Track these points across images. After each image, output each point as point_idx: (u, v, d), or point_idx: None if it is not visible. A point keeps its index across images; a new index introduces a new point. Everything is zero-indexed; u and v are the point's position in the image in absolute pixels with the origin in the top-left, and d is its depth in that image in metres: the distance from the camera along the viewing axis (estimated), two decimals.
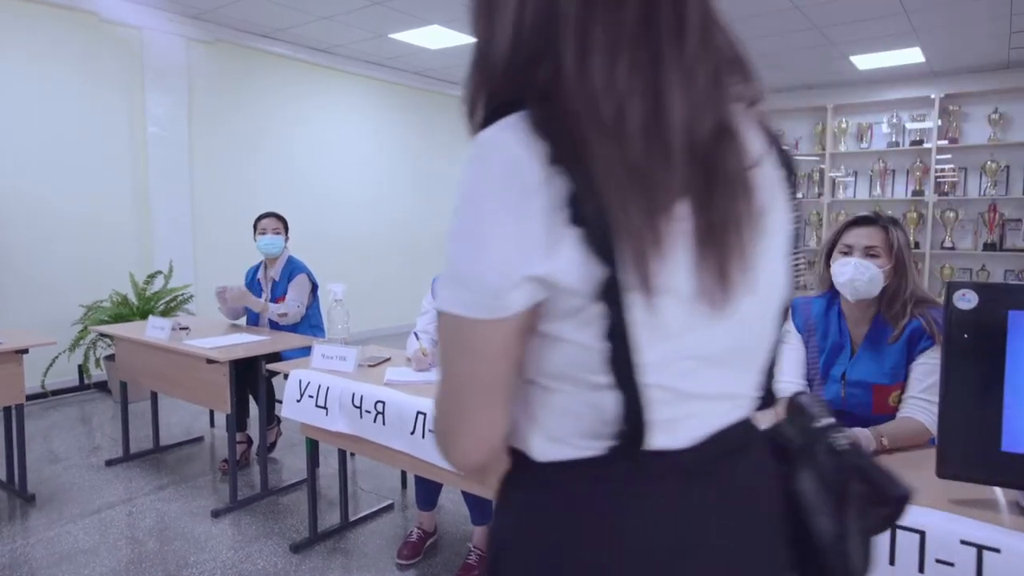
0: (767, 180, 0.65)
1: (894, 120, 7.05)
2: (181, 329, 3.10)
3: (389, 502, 2.90)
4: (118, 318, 4.37)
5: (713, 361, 0.62)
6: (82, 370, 4.56)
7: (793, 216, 0.70)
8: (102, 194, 4.78)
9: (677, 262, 0.56)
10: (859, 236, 1.76)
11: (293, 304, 3.26)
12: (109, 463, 3.34)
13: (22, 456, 2.96)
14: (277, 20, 5.20)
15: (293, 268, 3.37)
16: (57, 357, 4.33)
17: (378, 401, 2.07)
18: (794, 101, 7.77)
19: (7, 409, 2.95)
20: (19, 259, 4.41)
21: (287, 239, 3.42)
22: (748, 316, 0.63)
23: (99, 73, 4.72)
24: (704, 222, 0.57)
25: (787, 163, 0.69)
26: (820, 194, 7.57)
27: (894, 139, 7.09)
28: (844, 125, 7.35)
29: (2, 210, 4.29)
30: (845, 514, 0.69)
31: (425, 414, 1.94)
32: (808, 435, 0.73)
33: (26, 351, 2.89)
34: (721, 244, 0.58)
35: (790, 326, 1.86)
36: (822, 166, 7.54)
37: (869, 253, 1.73)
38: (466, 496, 2.22)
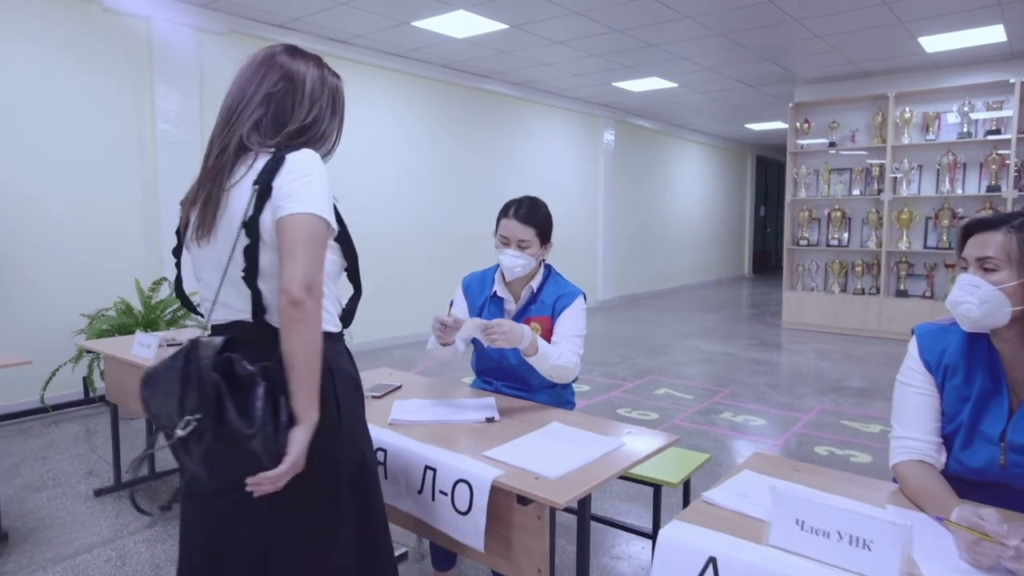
0: (240, 190, 1.25)
1: (965, 108, 6.41)
2: (170, 346, 2.74)
3: (403, 550, 2.50)
4: (121, 328, 4.07)
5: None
6: (87, 383, 4.27)
7: (253, 211, 1.22)
8: (108, 195, 4.50)
9: None
10: (974, 246, 1.31)
11: None
12: (98, 493, 3.01)
13: None
14: (292, 8, 4.85)
15: None
16: (58, 370, 4.05)
17: (378, 449, 1.66)
18: (850, 90, 7.17)
19: None
20: (20, 264, 4.14)
21: None
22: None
23: (104, 66, 4.44)
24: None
25: (260, 182, 1.23)
26: (879, 191, 6.96)
27: (965, 129, 6.45)
28: (907, 115, 6.74)
29: (1, 212, 4.02)
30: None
31: (435, 470, 1.52)
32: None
33: None
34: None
35: (914, 363, 1.40)
36: (881, 161, 6.92)
37: (984, 267, 1.27)
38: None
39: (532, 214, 2.09)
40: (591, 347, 6.42)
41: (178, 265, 1.42)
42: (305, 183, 1.22)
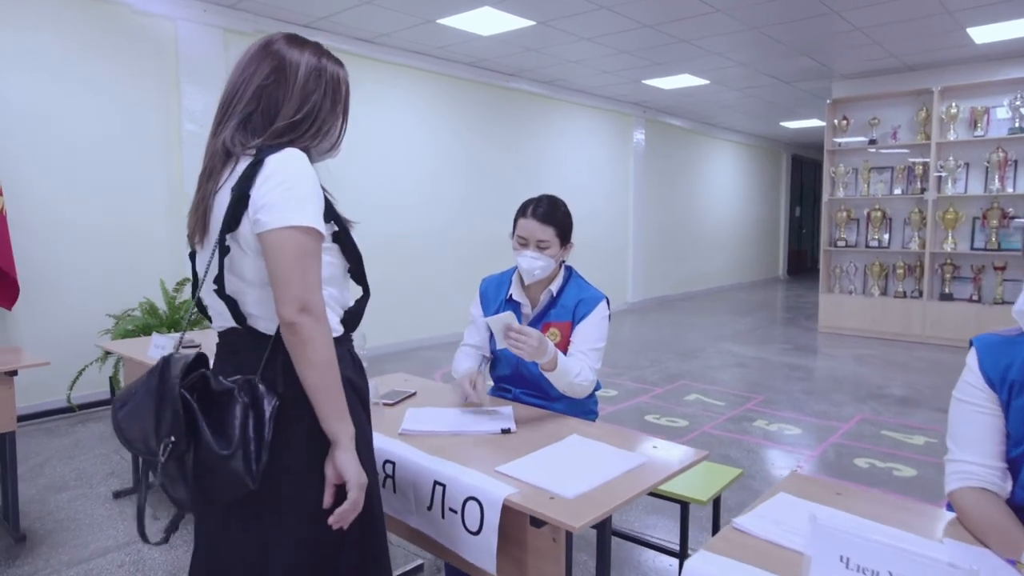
0: (221, 198, 1.18)
1: (1017, 102, 6.09)
2: (186, 348, 2.70)
3: (419, 562, 2.41)
4: (146, 328, 4.07)
5: None
6: (113, 383, 4.29)
7: (231, 222, 1.15)
8: (135, 195, 4.52)
9: None
10: None
11: None
12: (117, 495, 3.00)
13: (14, 489, 2.63)
14: (317, 7, 4.82)
15: None
16: (84, 369, 4.08)
17: (386, 461, 1.57)
18: (891, 85, 6.90)
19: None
20: (49, 264, 4.18)
21: None
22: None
23: (131, 67, 4.46)
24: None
25: (236, 190, 1.14)
26: (923, 190, 6.68)
27: (1017, 124, 6.14)
28: (954, 110, 6.44)
29: (29, 213, 4.06)
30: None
31: (445, 486, 1.43)
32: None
33: (15, 373, 2.55)
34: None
35: (974, 378, 1.25)
36: (925, 159, 6.64)
37: None
38: None
39: (551, 213, 1.98)
40: (620, 351, 6.28)
41: (194, 270, 1.34)
42: (285, 190, 1.12)
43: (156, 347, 2.67)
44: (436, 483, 1.45)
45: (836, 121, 7.21)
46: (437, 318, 6.41)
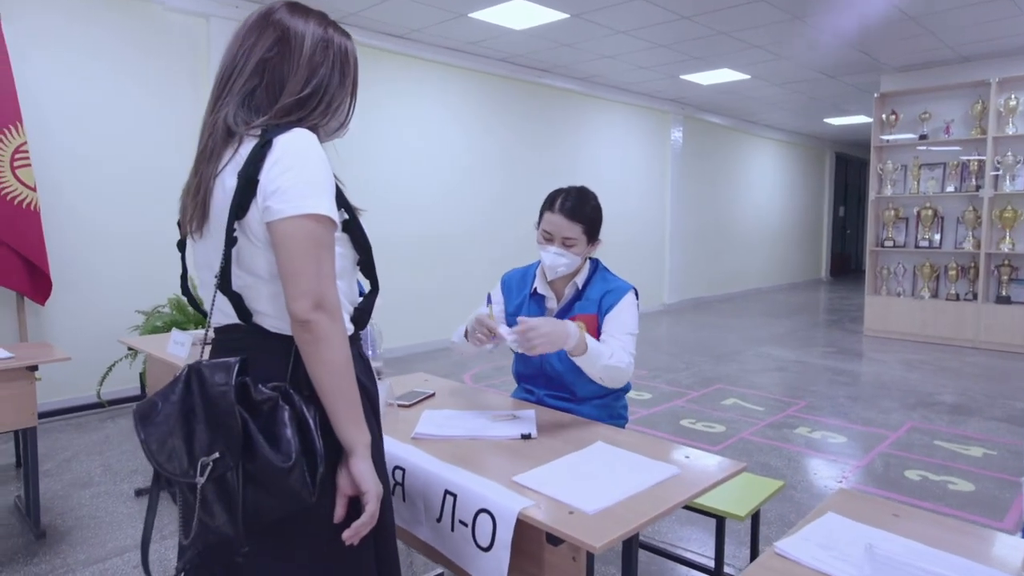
0: (224, 182, 1.07)
1: None
2: (207, 344, 2.66)
3: (439, 571, 2.31)
4: (174, 325, 4.07)
5: None
6: (143, 379, 4.31)
7: (238, 210, 1.04)
8: (167, 191, 4.53)
9: None
10: None
11: None
12: (139, 493, 2.97)
13: (35, 485, 2.63)
14: (348, 3, 4.78)
15: None
16: (114, 365, 4.09)
17: (396, 467, 1.47)
18: (944, 77, 6.57)
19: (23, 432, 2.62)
20: (82, 260, 4.22)
21: None
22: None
23: (163, 65, 4.48)
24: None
25: (244, 175, 1.03)
26: (978, 187, 6.33)
27: None
28: (1013, 102, 6.09)
29: (63, 209, 4.11)
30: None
31: (456, 495, 1.32)
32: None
33: (35, 368, 2.54)
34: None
35: None
36: (981, 156, 6.29)
37: None
38: None
39: (579, 208, 1.86)
40: (655, 352, 6.10)
41: (183, 260, 1.26)
42: (296, 175, 1.02)
43: (176, 343, 2.63)
44: (447, 492, 1.34)
45: (884, 116, 6.89)
46: (468, 318, 6.32)
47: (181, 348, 2.57)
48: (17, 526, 2.69)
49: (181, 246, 1.23)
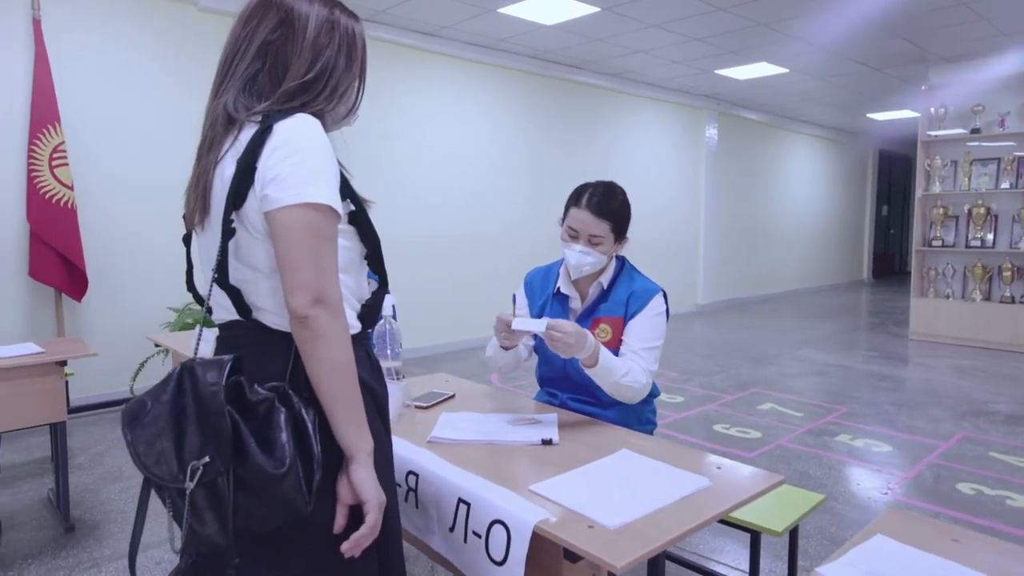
0: (223, 171, 1.02)
1: None
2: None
3: None
4: (206, 322, 4.09)
5: None
6: None
7: (236, 199, 0.98)
8: None
9: None
10: None
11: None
12: None
13: (65, 479, 2.65)
14: (378, 0, 4.76)
15: None
16: (147, 361, 4.13)
17: (410, 473, 1.40)
18: (999, 67, 6.24)
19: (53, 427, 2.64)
20: (118, 256, 4.28)
21: None
22: None
23: (197, 65, 4.51)
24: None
25: (242, 162, 0.98)
26: None
27: None
28: None
29: (98, 207, 4.17)
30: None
31: (470, 504, 1.24)
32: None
33: (64, 363, 2.56)
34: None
35: None
36: None
37: None
38: None
39: (606, 204, 1.77)
40: (688, 355, 5.94)
41: (188, 255, 1.20)
42: (296, 162, 0.96)
43: (206, 341, 2.61)
44: (460, 501, 1.26)
45: (932, 109, 6.59)
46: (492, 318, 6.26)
47: (207, 346, 2.55)
48: (48, 518, 2.72)
49: (187, 240, 1.19)
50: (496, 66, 6.23)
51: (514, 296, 2.01)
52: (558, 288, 1.89)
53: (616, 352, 1.77)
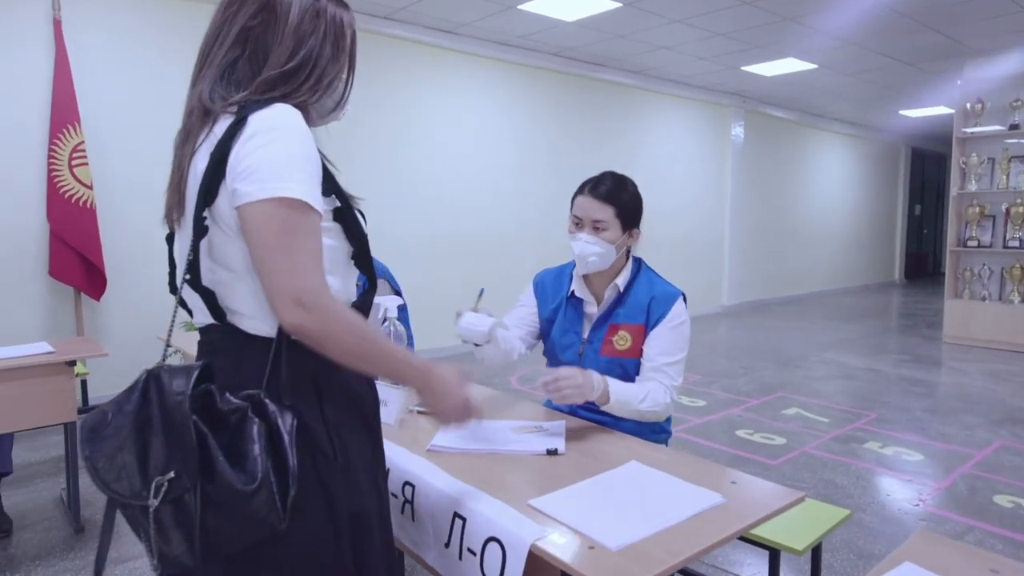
0: (196, 165, 0.96)
1: None
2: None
3: None
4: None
5: None
6: None
7: (207, 195, 0.93)
8: None
9: None
10: None
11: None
12: None
13: (75, 479, 2.64)
14: None
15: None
16: (166, 359, 4.14)
17: (406, 483, 1.34)
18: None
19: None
20: (134, 257, 4.29)
21: None
22: None
23: None
24: None
25: (215, 152, 0.93)
26: None
27: None
28: None
29: (118, 207, 4.19)
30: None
31: (466, 519, 1.17)
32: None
33: (74, 363, 2.55)
34: None
35: None
36: None
37: None
38: None
39: (610, 190, 1.69)
40: (712, 357, 5.81)
41: (171, 255, 1.14)
42: (269, 154, 0.89)
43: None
44: (456, 515, 1.19)
45: (968, 105, 6.36)
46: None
47: None
48: (59, 519, 2.71)
49: (170, 240, 1.13)
50: (515, 64, 6.16)
51: (481, 290, 1.89)
52: (572, 292, 1.81)
53: (636, 361, 1.69)
